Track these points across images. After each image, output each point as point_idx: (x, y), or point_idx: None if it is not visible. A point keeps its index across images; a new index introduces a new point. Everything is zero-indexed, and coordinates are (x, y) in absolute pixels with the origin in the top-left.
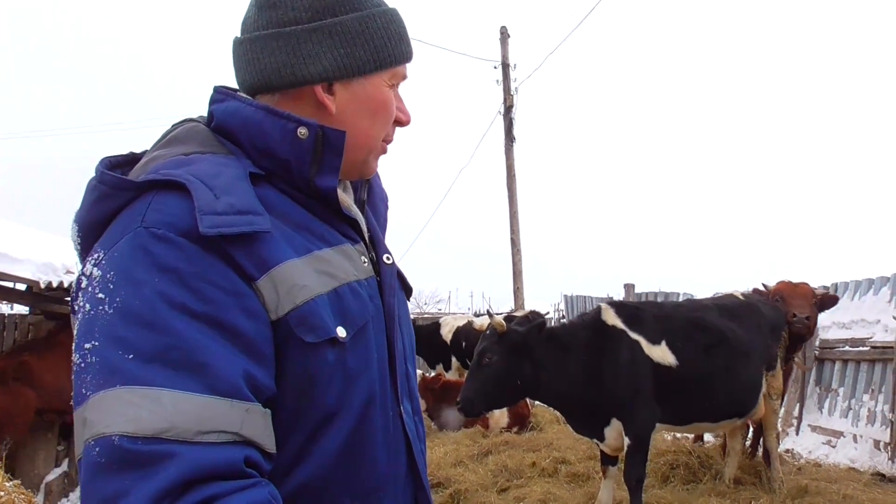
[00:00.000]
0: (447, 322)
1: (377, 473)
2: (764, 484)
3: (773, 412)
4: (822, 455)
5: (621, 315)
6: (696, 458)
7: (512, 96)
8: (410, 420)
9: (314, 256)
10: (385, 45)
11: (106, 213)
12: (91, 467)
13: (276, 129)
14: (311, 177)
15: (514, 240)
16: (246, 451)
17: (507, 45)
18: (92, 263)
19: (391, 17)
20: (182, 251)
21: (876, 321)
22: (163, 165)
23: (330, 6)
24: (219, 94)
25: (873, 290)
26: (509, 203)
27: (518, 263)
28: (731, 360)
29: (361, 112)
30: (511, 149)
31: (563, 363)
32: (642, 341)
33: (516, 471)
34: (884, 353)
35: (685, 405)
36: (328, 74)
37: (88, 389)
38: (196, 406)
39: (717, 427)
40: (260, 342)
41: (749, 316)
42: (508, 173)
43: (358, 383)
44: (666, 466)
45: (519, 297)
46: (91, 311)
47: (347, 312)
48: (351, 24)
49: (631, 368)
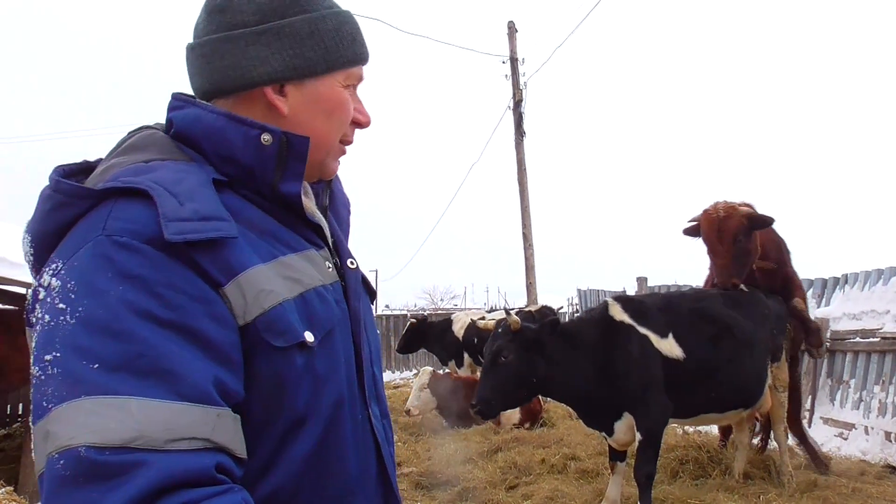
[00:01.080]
0: (459, 318)
1: (347, 477)
2: (773, 478)
3: (780, 405)
4: (835, 448)
5: (628, 310)
6: (705, 452)
7: (521, 91)
8: (379, 423)
9: (279, 262)
10: (336, 47)
11: (61, 222)
12: (55, 481)
13: (239, 136)
14: (276, 183)
15: (525, 234)
16: (217, 457)
17: (515, 40)
18: (50, 274)
19: (343, 19)
20: (146, 258)
21: (886, 311)
22: (122, 173)
23: (278, 9)
24: (177, 101)
25: (882, 280)
26: (520, 198)
27: (530, 258)
28: (736, 350)
29: (315, 113)
30: (521, 143)
31: (575, 359)
32: (651, 335)
33: (525, 468)
34: (894, 344)
35: (692, 397)
36: (277, 76)
37: (50, 402)
38: (165, 413)
39: (723, 418)
40: (228, 348)
41: (754, 305)
42: (519, 168)
43: (327, 387)
44: (675, 461)
45: (532, 291)
46: (51, 322)
47: (314, 317)
48: (300, 25)
49: (642, 363)
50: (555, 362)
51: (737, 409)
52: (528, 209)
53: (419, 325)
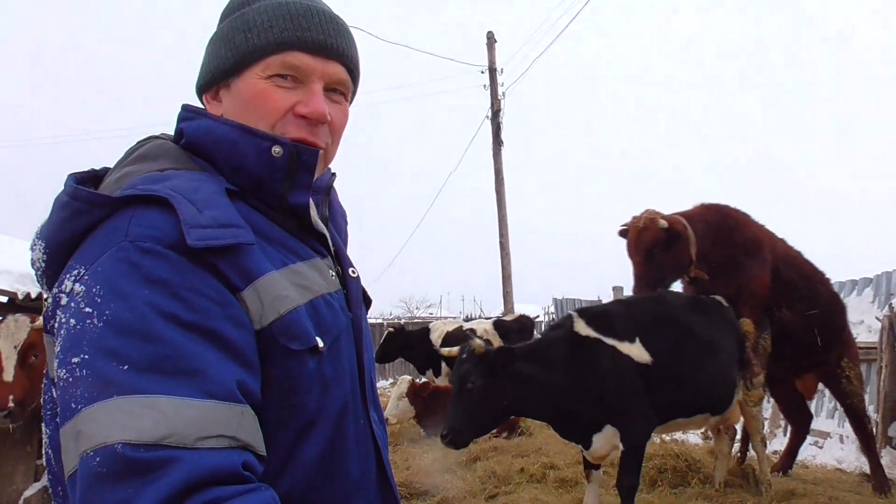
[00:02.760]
0: (437, 327)
1: (351, 480)
2: (752, 487)
3: (754, 418)
4: (810, 456)
5: (592, 324)
6: (683, 461)
7: (499, 101)
8: (378, 428)
9: (290, 269)
10: (244, 41)
11: (79, 229)
12: (92, 478)
13: (251, 148)
14: (285, 193)
15: (503, 243)
16: (244, 455)
17: (494, 51)
18: (72, 280)
19: (265, 10)
20: (170, 263)
21: (860, 322)
22: (139, 181)
23: (224, 14)
24: (188, 113)
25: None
26: (498, 207)
27: (507, 267)
28: (699, 353)
29: (236, 110)
30: (499, 153)
31: (548, 378)
32: (618, 345)
33: (505, 477)
34: (868, 354)
35: (661, 401)
36: (203, 82)
37: (79, 403)
38: (195, 411)
39: (691, 422)
40: (247, 350)
41: (720, 315)
42: (497, 177)
43: (333, 392)
44: (654, 470)
45: (509, 300)
46: (77, 326)
47: (323, 323)
48: (225, 27)
49: (616, 375)
50: (526, 383)
51: (703, 413)
52: (506, 218)
53: (396, 334)
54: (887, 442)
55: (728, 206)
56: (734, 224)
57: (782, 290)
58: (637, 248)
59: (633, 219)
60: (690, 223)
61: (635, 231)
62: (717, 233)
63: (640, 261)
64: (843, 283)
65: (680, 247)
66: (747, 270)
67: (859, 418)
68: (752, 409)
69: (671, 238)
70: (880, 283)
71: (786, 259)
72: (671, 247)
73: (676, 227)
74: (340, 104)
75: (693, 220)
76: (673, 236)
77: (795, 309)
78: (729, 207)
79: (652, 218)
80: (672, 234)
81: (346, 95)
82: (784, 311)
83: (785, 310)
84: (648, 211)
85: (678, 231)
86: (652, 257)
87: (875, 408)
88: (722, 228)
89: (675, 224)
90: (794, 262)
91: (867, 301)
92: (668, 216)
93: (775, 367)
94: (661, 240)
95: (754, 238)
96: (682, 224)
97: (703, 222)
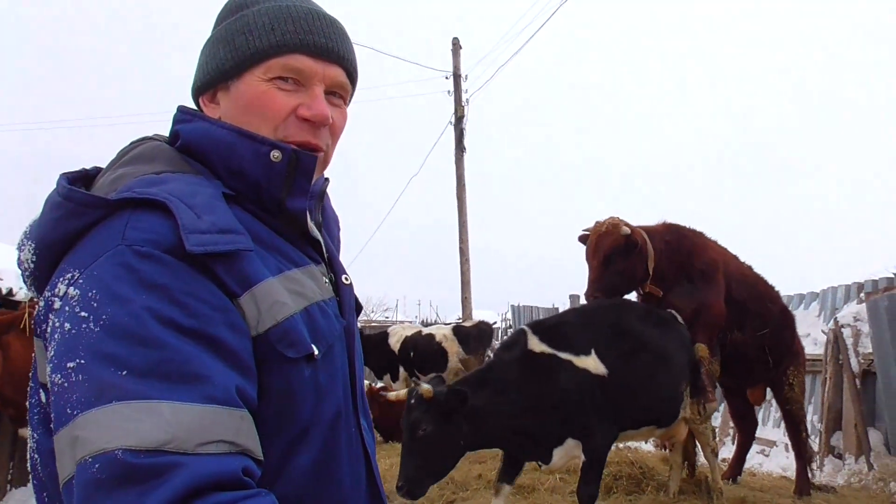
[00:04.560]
0: (395, 332)
1: (343, 486)
2: (704, 494)
3: (702, 433)
4: (757, 464)
5: (546, 339)
6: (638, 468)
7: (463, 107)
8: (368, 435)
9: (286, 276)
10: (245, 43)
11: (72, 231)
12: (91, 485)
13: (249, 152)
14: (283, 198)
15: (462, 249)
16: (243, 460)
17: (459, 57)
18: (66, 283)
19: (265, 12)
20: (168, 268)
21: (806, 335)
22: (135, 184)
23: (222, 16)
24: (184, 115)
25: (804, 304)
26: (459, 212)
27: (467, 273)
28: (652, 364)
29: (237, 112)
30: (461, 159)
31: (503, 405)
32: (574, 359)
33: (462, 483)
34: (813, 366)
35: (616, 412)
36: (200, 83)
37: (76, 408)
38: (195, 416)
39: (638, 434)
40: (245, 356)
41: (675, 328)
42: (458, 183)
43: (328, 400)
44: (609, 477)
45: (467, 306)
46: (72, 330)
47: (318, 331)
48: (224, 29)
49: (575, 390)
50: (482, 417)
51: (650, 424)
52: (466, 224)
53: None
54: (829, 451)
55: (686, 228)
56: (692, 247)
57: (735, 312)
58: (596, 252)
59: (597, 223)
60: (651, 239)
61: (596, 235)
62: (676, 253)
63: (596, 265)
64: (790, 296)
65: (638, 258)
66: (704, 296)
67: (796, 425)
68: (699, 426)
69: (630, 247)
70: (826, 297)
71: (738, 279)
72: (629, 256)
73: (637, 237)
74: (340, 107)
75: (653, 237)
76: (632, 245)
77: (747, 330)
78: (687, 229)
79: (615, 223)
80: (631, 243)
81: (344, 99)
82: (736, 332)
83: (737, 332)
84: (613, 217)
85: (638, 241)
86: (609, 263)
87: (819, 418)
88: (681, 250)
89: (637, 235)
90: (746, 282)
91: (813, 315)
92: (631, 226)
93: (727, 380)
94: (621, 246)
95: (711, 262)
96: (643, 237)
97: (663, 241)
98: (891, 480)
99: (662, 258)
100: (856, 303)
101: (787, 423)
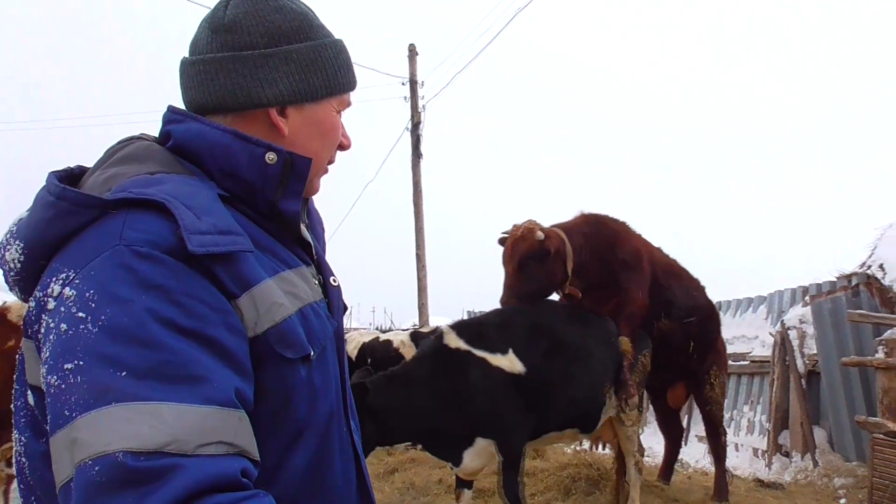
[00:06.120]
0: (353, 338)
1: (336, 487)
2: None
3: (628, 438)
4: (708, 464)
5: (464, 335)
6: (596, 470)
7: (420, 113)
8: (357, 436)
9: (281, 277)
10: (336, 74)
11: (63, 231)
12: (90, 488)
13: (245, 154)
14: (276, 200)
15: (419, 255)
16: (242, 462)
17: (416, 63)
18: (60, 283)
19: (340, 48)
20: (167, 268)
21: (755, 337)
22: (130, 184)
23: (285, 34)
24: (176, 115)
25: (752, 308)
26: (415, 219)
27: (423, 279)
28: (573, 364)
29: (312, 135)
30: (418, 165)
31: (412, 400)
32: (489, 356)
33: (423, 488)
34: (762, 367)
35: (536, 413)
36: (284, 98)
37: (74, 410)
38: (195, 417)
39: (563, 437)
40: (243, 357)
41: (600, 328)
42: (415, 189)
43: (322, 400)
44: (568, 479)
45: (424, 312)
46: (69, 331)
47: (312, 332)
48: (305, 52)
49: (486, 386)
50: (389, 411)
51: (574, 427)
52: (423, 230)
53: None
54: (777, 449)
55: (607, 217)
56: (613, 237)
57: (661, 299)
58: (511, 257)
59: (514, 227)
60: (569, 235)
61: (511, 240)
62: (596, 246)
63: (511, 271)
64: (740, 300)
65: (554, 262)
66: (626, 288)
67: (715, 427)
68: (627, 428)
69: (545, 252)
70: (773, 301)
71: (664, 267)
72: (544, 261)
73: (554, 242)
74: None
75: (572, 233)
76: (546, 251)
77: (673, 316)
78: (608, 218)
79: (530, 228)
80: (546, 249)
81: None
82: (663, 320)
83: (664, 319)
84: (529, 221)
85: (552, 247)
86: (524, 269)
87: (768, 417)
88: (601, 241)
89: (552, 238)
90: (671, 271)
91: (761, 318)
92: (547, 229)
93: (652, 378)
94: (535, 252)
95: (634, 251)
96: (560, 239)
97: (582, 234)
98: (835, 476)
99: (583, 252)
100: (801, 306)
101: (706, 425)
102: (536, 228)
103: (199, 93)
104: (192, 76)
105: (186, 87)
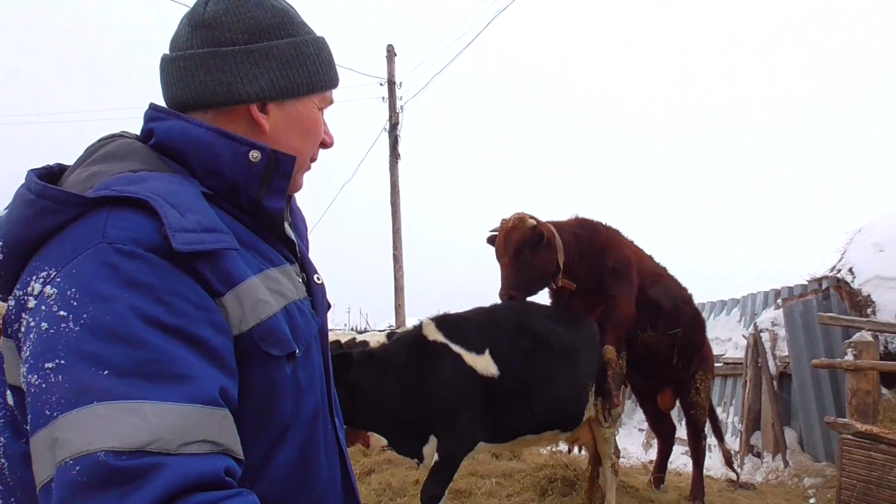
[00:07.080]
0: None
1: (321, 484)
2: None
3: (606, 441)
4: (682, 465)
5: (443, 328)
6: (572, 471)
7: (398, 114)
8: (341, 432)
9: (265, 275)
10: (317, 71)
11: (44, 229)
12: (71, 488)
13: (228, 151)
14: (260, 198)
15: (396, 256)
16: (225, 460)
17: (394, 63)
18: (40, 282)
19: (321, 45)
20: (151, 266)
21: (728, 339)
22: (113, 182)
23: (266, 30)
24: (158, 113)
25: (726, 310)
26: (393, 219)
27: (400, 280)
28: (552, 364)
29: (293, 131)
30: (396, 165)
31: (381, 384)
32: (465, 353)
33: (400, 489)
34: (735, 369)
35: (509, 417)
36: (264, 94)
37: (55, 409)
38: (178, 416)
39: (540, 440)
40: (227, 356)
41: (585, 328)
42: (392, 189)
43: (307, 397)
44: (545, 480)
45: (401, 313)
46: (50, 330)
47: (297, 330)
48: (286, 48)
49: (451, 383)
50: (358, 391)
51: (553, 429)
52: (400, 231)
53: None
54: (749, 450)
55: (601, 223)
56: (604, 244)
57: (648, 310)
58: (505, 248)
59: (503, 221)
60: (560, 232)
61: (504, 231)
62: (587, 250)
63: (507, 262)
64: (714, 303)
65: (547, 250)
66: (614, 296)
67: (697, 431)
68: (605, 430)
69: (538, 238)
70: (746, 303)
71: (652, 277)
72: (538, 248)
73: (544, 229)
74: None
75: (562, 230)
76: (540, 237)
77: (658, 328)
78: (601, 225)
79: (521, 218)
80: (539, 234)
81: None
82: (648, 331)
83: (649, 330)
84: (518, 213)
85: (546, 233)
86: (520, 257)
87: (740, 419)
88: (592, 246)
89: (543, 225)
90: (660, 281)
91: (734, 320)
92: (538, 219)
93: (639, 384)
94: (530, 239)
95: (624, 260)
96: (550, 230)
97: (573, 235)
98: (805, 476)
99: (572, 252)
100: (773, 308)
101: (689, 428)
102: (527, 217)
103: (180, 89)
104: (172, 73)
105: (167, 83)
